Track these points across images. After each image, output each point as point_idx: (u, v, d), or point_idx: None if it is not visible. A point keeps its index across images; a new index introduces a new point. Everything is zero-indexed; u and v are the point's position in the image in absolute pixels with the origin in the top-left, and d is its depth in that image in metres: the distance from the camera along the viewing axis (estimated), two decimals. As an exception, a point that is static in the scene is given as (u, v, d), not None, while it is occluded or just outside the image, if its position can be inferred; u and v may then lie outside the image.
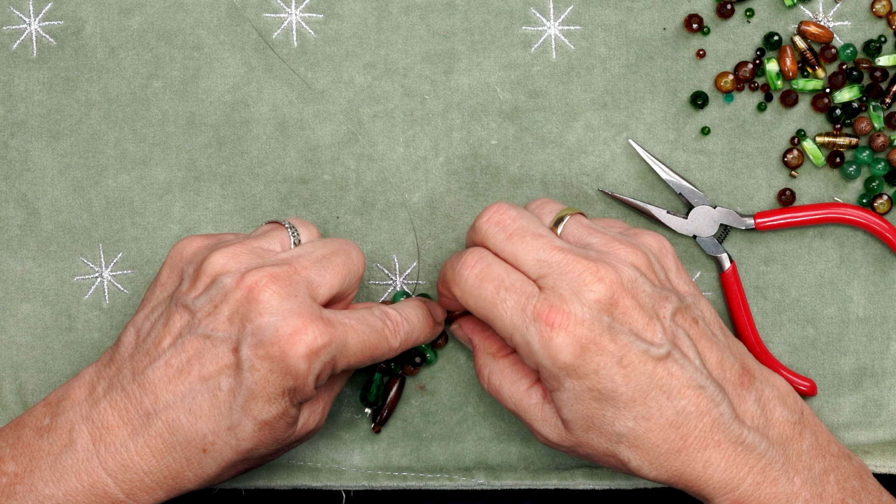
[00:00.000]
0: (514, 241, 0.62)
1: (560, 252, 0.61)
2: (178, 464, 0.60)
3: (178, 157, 0.72)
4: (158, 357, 0.61)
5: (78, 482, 0.60)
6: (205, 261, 0.62)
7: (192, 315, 0.61)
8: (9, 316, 0.72)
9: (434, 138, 0.71)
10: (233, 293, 0.60)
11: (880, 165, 0.70)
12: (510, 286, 0.61)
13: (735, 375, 0.63)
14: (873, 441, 0.71)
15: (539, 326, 0.60)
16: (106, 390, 0.61)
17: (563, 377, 0.60)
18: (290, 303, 0.60)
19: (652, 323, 0.61)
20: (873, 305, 0.71)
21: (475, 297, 0.62)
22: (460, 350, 0.71)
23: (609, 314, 0.60)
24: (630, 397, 0.60)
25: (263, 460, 0.64)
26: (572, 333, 0.60)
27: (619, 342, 0.60)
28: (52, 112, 0.72)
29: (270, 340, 0.59)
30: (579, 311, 0.60)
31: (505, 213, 0.63)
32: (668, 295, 0.62)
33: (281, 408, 0.60)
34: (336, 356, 0.61)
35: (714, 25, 0.71)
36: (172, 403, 0.60)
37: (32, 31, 0.72)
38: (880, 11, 0.71)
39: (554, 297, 0.60)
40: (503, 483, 0.71)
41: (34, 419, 0.62)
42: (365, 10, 0.71)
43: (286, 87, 0.71)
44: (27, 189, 0.72)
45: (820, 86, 0.70)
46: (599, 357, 0.60)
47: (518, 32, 0.71)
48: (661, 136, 0.71)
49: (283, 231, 0.65)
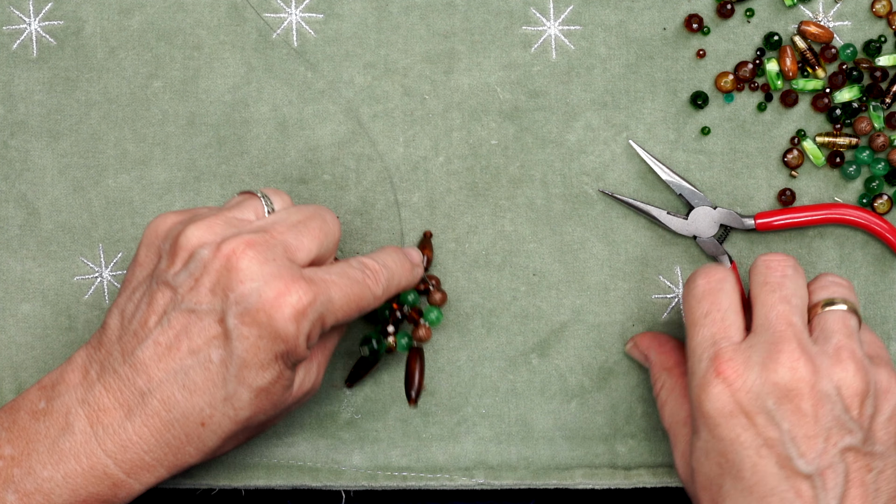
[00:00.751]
0: (765, 290, 0.62)
1: (788, 325, 0.61)
2: (177, 440, 0.60)
3: (178, 157, 0.72)
4: (146, 337, 0.60)
5: (77, 464, 0.60)
6: (180, 235, 0.61)
7: (175, 291, 0.60)
8: (9, 316, 0.72)
9: (434, 138, 0.71)
10: (211, 264, 0.60)
11: (880, 165, 0.70)
12: (720, 320, 0.62)
13: None
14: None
15: (710, 367, 0.60)
16: (99, 373, 0.61)
17: (701, 425, 0.61)
18: (269, 267, 0.60)
19: (815, 440, 0.59)
20: (873, 305, 0.71)
21: (688, 306, 0.63)
22: (461, 350, 0.71)
23: (778, 402, 0.59)
24: (750, 486, 0.59)
25: (263, 427, 0.64)
26: (731, 394, 0.60)
27: (770, 432, 0.59)
28: (52, 112, 0.72)
29: (255, 307, 0.59)
30: (752, 379, 0.60)
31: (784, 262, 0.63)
32: (854, 430, 0.60)
33: (275, 372, 0.60)
34: (323, 313, 0.61)
35: (714, 25, 0.71)
36: (165, 381, 0.60)
37: (32, 31, 0.72)
38: (880, 11, 0.71)
39: (741, 354, 0.60)
40: (503, 483, 0.71)
41: (29, 403, 0.62)
42: (365, 10, 0.71)
43: (286, 87, 0.71)
44: (27, 189, 0.72)
45: (820, 86, 0.70)
46: (744, 430, 0.59)
47: (518, 32, 0.71)
48: (661, 136, 0.71)
49: (256, 200, 0.64)
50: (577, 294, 0.71)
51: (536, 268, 0.71)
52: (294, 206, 0.64)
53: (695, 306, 0.63)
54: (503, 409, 0.72)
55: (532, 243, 0.71)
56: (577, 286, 0.71)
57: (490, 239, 0.71)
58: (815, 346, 0.61)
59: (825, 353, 0.61)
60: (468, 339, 0.71)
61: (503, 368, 0.71)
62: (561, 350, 0.71)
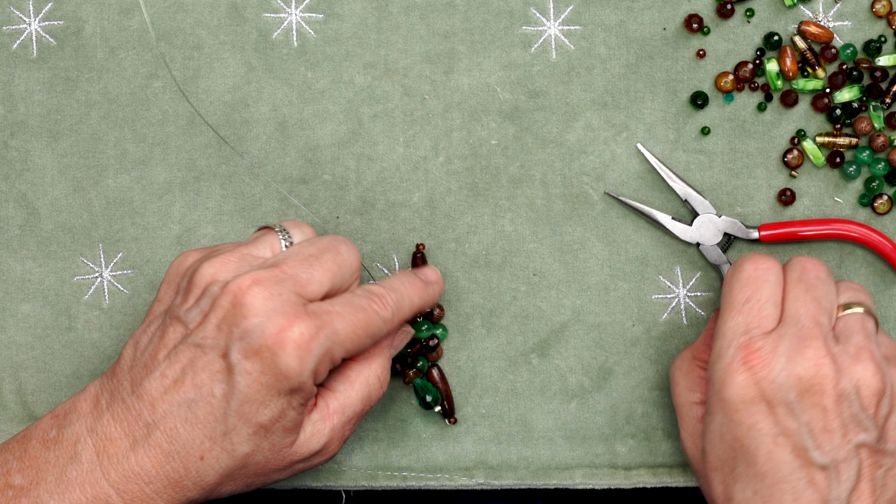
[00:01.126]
0: (799, 287, 0.64)
1: (815, 323, 0.62)
2: (176, 473, 0.60)
3: (178, 157, 0.72)
4: (154, 369, 0.61)
5: (82, 494, 0.60)
6: (195, 273, 0.63)
7: (185, 326, 0.61)
8: (9, 316, 0.72)
9: (434, 138, 0.71)
10: (220, 300, 0.61)
11: (880, 165, 0.70)
12: (758, 310, 0.63)
13: None
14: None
15: (738, 354, 0.61)
16: (108, 403, 0.62)
17: (718, 409, 0.61)
18: (273, 302, 0.60)
19: (832, 434, 0.61)
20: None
21: (728, 289, 0.64)
22: (461, 350, 0.71)
23: (800, 395, 0.61)
24: (762, 472, 0.60)
25: (265, 477, 0.63)
26: (756, 383, 0.61)
27: (788, 423, 0.60)
28: (52, 112, 0.72)
29: (258, 342, 0.59)
30: (778, 369, 0.61)
31: (819, 265, 0.65)
32: (870, 428, 0.61)
33: (277, 410, 0.60)
34: (329, 346, 0.61)
35: (714, 25, 0.71)
36: (169, 413, 0.60)
37: (32, 31, 0.72)
38: (880, 11, 0.71)
39: (770, 344, 0.61)
40: (503, 483, 0.71)
41: (41, 431, 0.62)
42: (365, 10, 0.71)
43: (286, 87, 0.71)
44: (27, 189, 0.72)
45: (820, 86, 0.70)
46: (762, 418, 0.60)
47: (518, 32, 0.71)
48: (661, 136, 0.71)
49: (272, 235, 0.65)
50: (577, 294, 0.71)
51: (536, 268, 0.71)
52: (309, 240, 0.65)
53: (737, 291, 0.64)
54: (503, 409, 0.72)
55: (532, 243, 0.71)
56: (577, 286, 0.71)
57: (490, 239, 0.71)
58: (838, 345, 0.62)
59: (846, 353, 0.62)
60: (468, 339, 0.71)
61: (503, 368, 0.71)
62: (561, 350, 0.71)
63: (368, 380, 0.65)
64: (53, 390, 0.72)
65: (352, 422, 0.65)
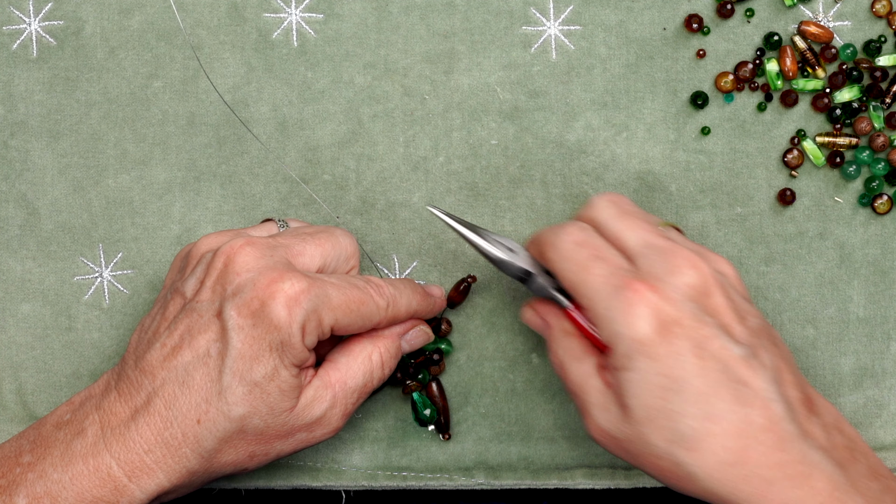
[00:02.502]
0: (625, 219, 0.63)
1: (665, 240, 0.62)
2: (174, 439, 0.61)
3: (178, 157, 0.72)
4: (156, 341, 0.62)
5: (84, 466, 0.60)
6: (193, 248, 0.65)
7: (184, 297, 0.63)
8: (9, 316, 0.72)
9: (434, 138, 0.71)
10: (214, 264, 0.62)
11: (880, 165, 0.70)
12: (605, 257, 0.61)
13: (802, 397, 0.61)
14: (874, 442, 0.71)
15: (625, 295, 0.59)
16: (116, 382, 0.63)
17: (636, 355, 0.59)
18: (265, 260, 0.62)
19: (736, 325, 0.60)
20: (873, 305, 0.71)
21: (566, 260, 0.62)
22: (461, 350, 0.71)
23: (697, 302, 0.60)
24: (699, 391, 0.58)
25: (267, 443, 0.63)
26: (656, 307, 0.59)
27: (703, 331, 0.59)
28: (52, 112, 0.72)
29: (249, 295, 0.60)
30: (669, 288, 0.59)
31: (623, 198, 0.64)
32: (753, 311, 0.62)
33: (270, 367, 0.61)
34: (318, 307, 0.61)
35: (714, 25, 0.71)
36: (168, 380, 0.61)
37: (32, 31, 0.72)
38: (880, 11, 0.71)
39: (646, 274, 0.60)
40: (503, 483, 0.71)
41: (56, 417, 0.63)
42: (365, 10, 0.71)
43: (286, 87, 0.71)
44: (27, 189, 0.72)
45: (820, 86, 0.70)
46: (678, 340, 0.59)
47: (518, 32, 0.71)
48: (661, 136, 0.71)
49: (271, 224, 0.68)
50: (577, 294, 0.71)
51: (536, 268, 0.71)
52: (306, 224, 0.67)
53: (575, 256, 0.62)
54: (503, 409, 0.72)
55: (532, 243, 0.71)
56: (577, 286, 0.71)
57: (490, 239, 0.71)
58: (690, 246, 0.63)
59: (699, 253, 0.62)
60: (468, 339, 0.71)
61: (503, 368, 0.71)
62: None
63: (371, 356, 0.65)
64: (53, 390, 0.72)
65: (354, 395, 0.65)
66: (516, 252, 0.66)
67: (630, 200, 0.65)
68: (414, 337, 0.68)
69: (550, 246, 0.63)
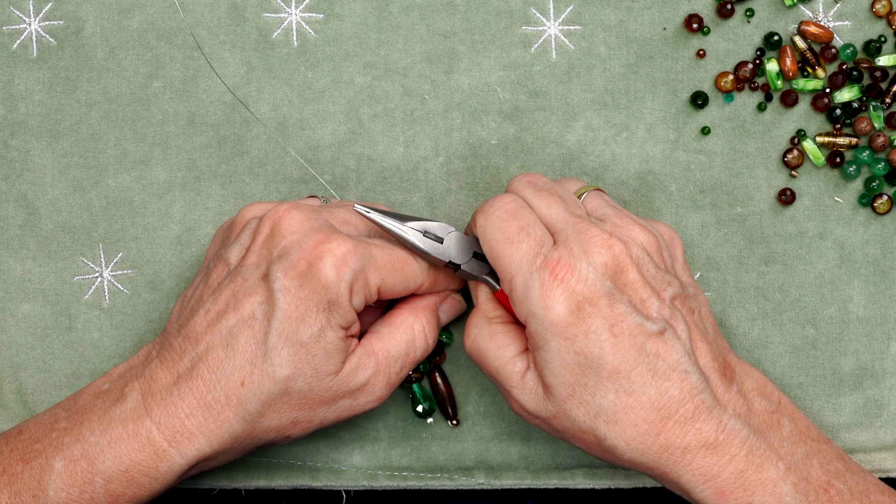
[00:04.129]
0: (541, 196, 0.64)
1: (578, 217, 0.62)
2: (217, 402, 0.61)
3: (178, 157, 0.72)
4: (200, 308, 0.63)
5: (123, 429, 0.61)
6: (236, 217, 0.66)
7: (227, 264, 0.64)
8: (9, 316, 0.72)
9: (434, 138, 0.71)
10: (260, 229, 0.63)
11: (880, 165, 0.70)
12: (531, 233, 0.62)
13: (719, 366, 0.62)
14: (874, 442, 0.71)
15: (543, 275, 0.61)
16: (158, 351, 0.63)
17: (551, 335, 0.60)
18: (311, 222, 0.62)
19: (651, 299, 0.61)
20: (873, 305, 0.71)
21: (495, 229, 0.63)
22: (461, 350, 0.71)
23: (612, 280, 0.61)
24: (615, 368, 0.60)
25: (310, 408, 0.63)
26: (572, 289, 0.60)
27: (616, 309, 0.60)
28: (52, 112, 0.72)
29: (296, 256, 0.61)
30: (584, 269, 0.60)
31: (538, 176, 0.65)
32: (671, 280, 0.63)
33: (316, 327, 0.61)
34: (365, 266, 0.62)
35: (714, 25, 0.71)
36: (213, 344, 0.61)
37: (32, 31, 0.72)
38: (880, 11, 0.71)
39: (564, 252, 0.61)
40: (503, 483, 0.71)
41: (94, 387, 0.64)
42: (365, 10, 0.71)
43: (286, 87, 0.71)
44: (27, 189, 0.72)
45: (820, 86, 0.70)
46: (592, 319, 0.60)
47: (518, 32, 0.71)
48: (661, 136, 0.71)
49: (316, 199, 0.68)
50: (577, 294, 0.71)
51: (536, 268, 0.71)
52: None
53: (504, 226, 0.62)
54: (503, 409, 0.72)
55: (532, 243, 0.71)
56: (577, 286, 0.71)
57: (490, 239, 0.71)
58: (605, 223, 0.63)
59: (616, 226, 0.63)
60: (468, 339, 0.71)
61: (503, 368, 0.71)
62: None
63: (413, 326, 0.66)
64: (53, 390, 0.72)
65: (398, 363, 0.65)
66: (446, 239, 0.65)
67: (546, 178, 0.66)
68: (450, 306, 0.68)
69: (481, 212, 0.64)
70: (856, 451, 0.71)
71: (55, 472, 0.60)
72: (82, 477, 0.60)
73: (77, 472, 0.60)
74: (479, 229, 0.64)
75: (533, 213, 0.63)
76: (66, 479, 0.60)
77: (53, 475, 0.60)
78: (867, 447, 0.71)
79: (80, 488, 0.60)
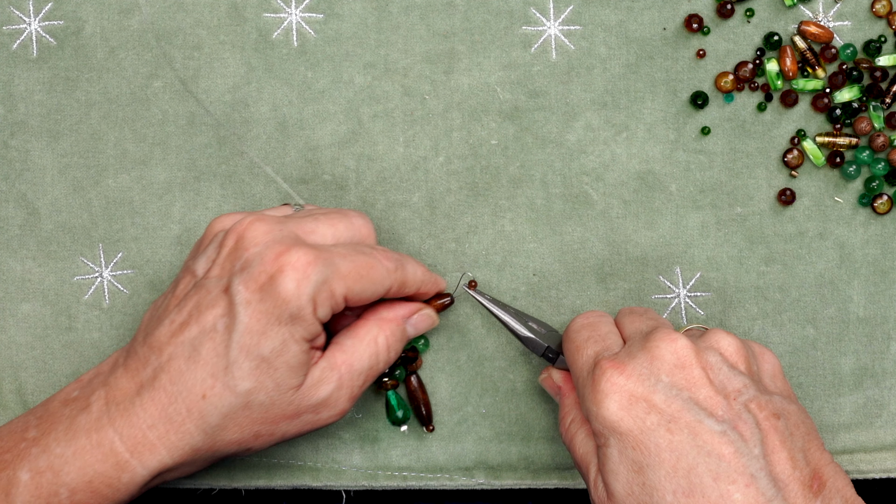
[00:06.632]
0: (633, 316, 0.65)
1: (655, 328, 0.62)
2: (178, 414, 0.60)
3: (178, 157, 0.72)
4: (165, 318, 0.62)
5: (87, 440, 0.60)
6: (207, 229, 0.65)
7: (194, 274, 0.63)
8: (9, 316, 0.72)
9: (434, 138, 0.71)
10: (225, 242, 0.62)
11: (880, 165, 0.70)
12: (599, 340, 0.63)
13: (805, 477, 0.59)
14: (874, 442, 0.71)
15: (594, 375, 0.60)
16: (124, 359, 0.63)
17: (609, 433, 0.59)
18: (273, 234, 0.62)
19: (716, 397, 0.59)
20: (873, 305, 0.71)
21: (569, 340, 0.65)
22: (460, 350, 0.72)
23: (670, 376, 0.59)
24: (673, 467, 0.58)
25: (273, 423, 0.62)
26: (622, 385, 0.59)
27: (673, 405, 0.59)
28: (52, 112, 0.72)
29: (257, 270, 0.60)
30: (639, 366, 0.60)
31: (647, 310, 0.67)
32: (747, 382, 0.60)
33: (278, 341, 0.60)
34: (329, 277, 0.61)
35: (714, 25, 0.71)
36: (174, 355, 0.61)
37: (32, 31, 0.72)
38: (880, 11, 0.71)
39: (623, 352, 0.61)
40: (503, 483, 0.71)
41: (64, 394, 0.64)
42: (365, 10, 0.71)
43: (286, 87, 0.71)
44: (27, 189, 0.72)
45: (820, 86, 0.70)
46: (647, 415, 0.59)
47: (518, 32, 0.71)
48: (661, 136, 0.71)
49: (288, 208, 0.68)
50: (577, 294, 0.71)
51: (536, 268, 0.71)
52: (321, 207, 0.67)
53: (575, 337, 0.64)
54: (503, 409, 0.72)
55: (532, 243, 0.71)
56: (577, 286, 0.71)
57: (490, 239, 0.71)
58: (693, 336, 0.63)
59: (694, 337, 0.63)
60: (468, 339, 0.71)
61: (503, 368, 0.71)
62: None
63: (377, 339, 0.65)
64: (53, 390, 0.72)
65: (360, 377, 0.64)
66: (545, 332, 0.68)
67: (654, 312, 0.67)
68: (419, 321, 0.68)
69: (568, 326, 0.66)
70: (856, 451, 0.71)
71: (22, 484, 0.60)
72: (48, 489, 0.60)
73: (43, 483, 0.60)
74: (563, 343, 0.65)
75: (613, 326, 0.64)
76: (32, 490, 0.60)
77: (20, 487, 0.60)
78: (867, 447, 0.71)
79: (45, 500, 0.60)
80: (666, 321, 0.66)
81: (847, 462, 0.71)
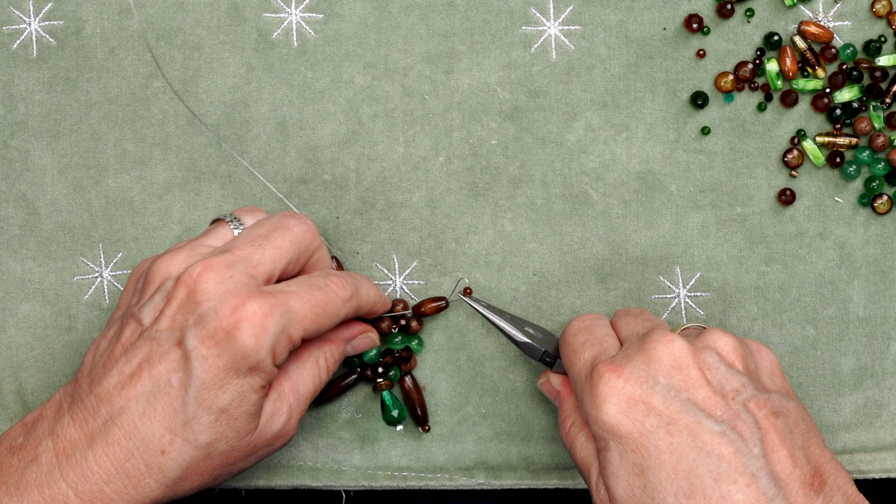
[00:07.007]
0: (629, 318, 0.65)
1: (651, 329, 0.62)
2: (136, 470, 0.60)
3: (178, 157, 0.72)
4: (112, 367, 0.61)
5: (40, 495, 0.59)
6: (148, 271, 0.63)
7: (140, 323, 0.61)
8: (9, 316, 0.72)
9: (434, 138, 0.71)
10: (175, 293, 0.61)
11: (880, 165, 0.70)
12: (597, 343, 0.63)
13: (805, 475, 0.59)
14: (874, 442, 0.71)
15: (592, 379, 0.60)
16: (69, 405, 0.61)
17: (609, 437, 0.59)
18: (225, 285, 0.60)
19: (714, 398, 0.59)
20: (873, 305, 0.71)
21: (566, 344, 0.65)
22: (460, 350, 0.71)
23: (668, 378, 0.59)
24: (673, 468, 0.58)
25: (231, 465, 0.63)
26: (620, 389, 0.59)
27: (671, 407, 0.59)
28: (52, 112, 0.72)
29: (213, 325, 0.59)
30: (637, 369, 0.60)
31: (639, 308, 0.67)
32: (746, 382, 0.60)
33: (236, 392, 0.60)
34: (286, 324, 0.61)
35: (714, 25, 0.71)
36: (127, 408, 0.60)
37: (32, 31, 0.72)
38: (880, 11, 0.71)
39: (620, 355, 0.61)
40: (503, 483, 0.71)
41: (10, 439, 0.62)
42: (365, 10, 0.71)
43: (286, 87, 0.71)
44: (27, 189, 0.72)
45: (820, 86, 0.70)
46: (646, 417, 0.58)
47: (518, 32, 0.71)
48: (661, 136, 0.71)
49: (224, 226, 0.66)
50: (577, 294, 0.71)
51: (536, 268, 0.71)
52: (258, 221, 0.65)
53: (571, 340, 0.64)
54: (503, 409, 0.72)
55: (532, 243, 0.71)
56: (577, 286, 0.71)
57: (490, 239, 0.71)
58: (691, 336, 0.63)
59: (691, 336, 0.63)
60: (468, 339, 0.71)
61: (503, 368, 0.71)
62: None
63: (318, 361, 0.65)
64: (53, 390, 0.72)
65: (305, 400, 0.65)
66: (542, 337, 0.68)
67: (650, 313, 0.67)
68: (360, 342, 0.68)
69: (565, 330, 0.66)
70: (856, 451, 0.71)
71: None
72: None
73: None
74: (560, 347, 0.66)
75: (609, 329, 0.64)
76: None
77: None
78: (867, 447, 0.71)
79: None
80: (662, 321, 0.66)
81: (847, 462, 0.71)
